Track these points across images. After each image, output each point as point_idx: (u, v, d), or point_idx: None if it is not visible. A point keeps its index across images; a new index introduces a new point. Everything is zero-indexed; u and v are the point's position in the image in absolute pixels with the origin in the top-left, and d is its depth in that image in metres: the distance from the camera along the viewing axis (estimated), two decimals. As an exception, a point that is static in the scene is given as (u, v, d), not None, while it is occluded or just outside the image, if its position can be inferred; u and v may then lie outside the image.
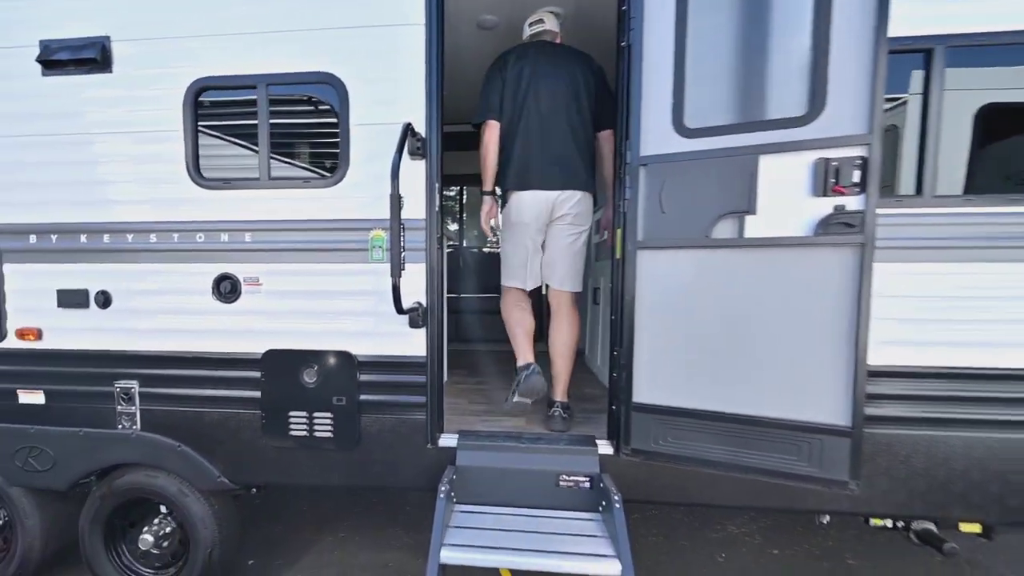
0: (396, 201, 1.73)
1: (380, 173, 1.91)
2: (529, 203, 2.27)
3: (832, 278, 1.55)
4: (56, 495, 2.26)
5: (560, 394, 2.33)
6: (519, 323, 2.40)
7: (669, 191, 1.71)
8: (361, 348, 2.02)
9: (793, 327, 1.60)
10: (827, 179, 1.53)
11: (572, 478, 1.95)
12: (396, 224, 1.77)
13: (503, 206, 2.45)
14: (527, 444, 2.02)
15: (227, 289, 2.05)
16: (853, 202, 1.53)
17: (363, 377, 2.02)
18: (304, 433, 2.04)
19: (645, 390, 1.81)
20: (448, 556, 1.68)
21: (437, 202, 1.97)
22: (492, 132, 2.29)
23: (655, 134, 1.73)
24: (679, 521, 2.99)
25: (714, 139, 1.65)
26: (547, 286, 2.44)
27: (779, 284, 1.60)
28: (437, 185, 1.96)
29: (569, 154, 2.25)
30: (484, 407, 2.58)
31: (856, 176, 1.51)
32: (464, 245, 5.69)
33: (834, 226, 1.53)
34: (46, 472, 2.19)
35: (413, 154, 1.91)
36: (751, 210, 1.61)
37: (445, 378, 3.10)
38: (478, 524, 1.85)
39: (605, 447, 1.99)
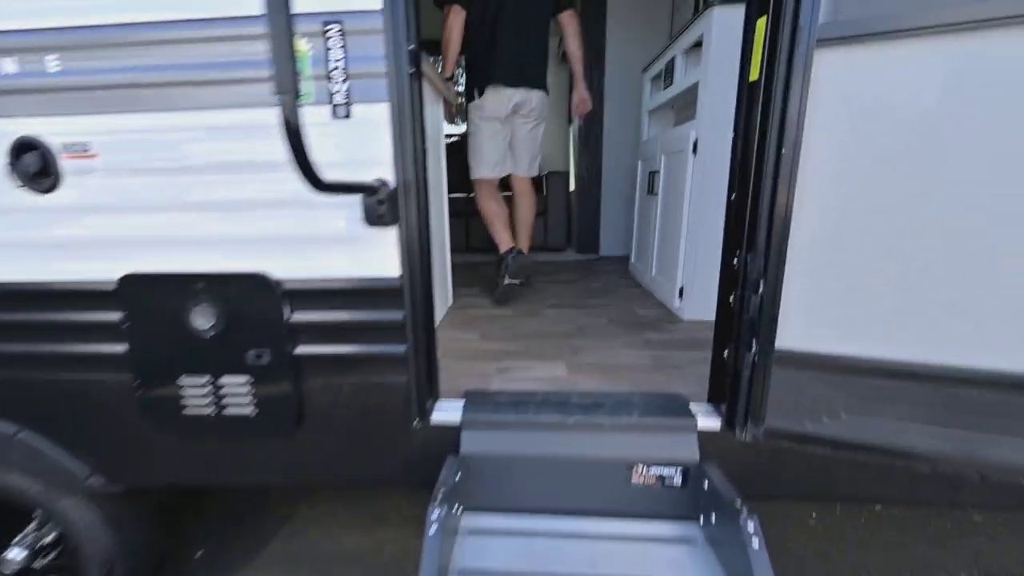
0: None
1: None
2: (492, 98, 2.34)
3: None
4: None
5: (523, 246, 2.59)
6: (497, 215, 2.54)
7: None
8: (286, 266, 1.15)
9: None
10: None
11: (653, 469, 1.19)
12: None
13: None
14: (576, 416, 1.23)
15: (34, 167, 1.13)
16: None
17: (296, 316, 1.17)
18: (208, 411, 1.22)
19: (806, 328, 0.98)
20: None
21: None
22: (457, 19, 2.26)
23: None
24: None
25: None
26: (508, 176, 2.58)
27: None
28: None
29: (530, 53, 2.34)
30: (500, 345, 1.75)
31: None
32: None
33: None
34: None
35: None
36: None
37: (446, 308, 2.26)
38: (502, 556, 1.10)
39: (707, 418, 1.21)
